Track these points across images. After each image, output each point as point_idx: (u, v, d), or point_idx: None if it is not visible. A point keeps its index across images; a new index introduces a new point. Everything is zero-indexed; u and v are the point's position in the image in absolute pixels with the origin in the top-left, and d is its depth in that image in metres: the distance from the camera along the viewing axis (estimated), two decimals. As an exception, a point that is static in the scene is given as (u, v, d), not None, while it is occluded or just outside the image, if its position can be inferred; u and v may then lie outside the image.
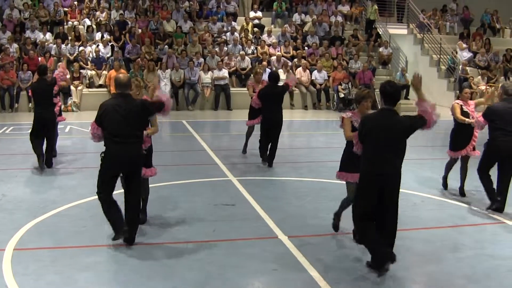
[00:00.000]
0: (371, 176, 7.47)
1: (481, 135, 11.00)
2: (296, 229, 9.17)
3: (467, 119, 10.86)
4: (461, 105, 11.01)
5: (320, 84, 25.02)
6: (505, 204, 10.34)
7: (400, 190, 7.62)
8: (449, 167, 11.67)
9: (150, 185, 9.47)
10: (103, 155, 8.19)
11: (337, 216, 8.85)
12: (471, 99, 11.29)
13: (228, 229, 9.22)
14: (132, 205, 8.39)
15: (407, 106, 25.08)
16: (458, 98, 11.39)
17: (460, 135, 11.08)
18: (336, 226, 8.87)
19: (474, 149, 11.12)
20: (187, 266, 7.66)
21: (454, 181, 11.56)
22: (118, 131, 8.04)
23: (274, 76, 13.82)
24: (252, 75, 14.59)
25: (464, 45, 28.84)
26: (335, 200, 8.36)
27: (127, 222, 8.27)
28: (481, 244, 8.89)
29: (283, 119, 13.62)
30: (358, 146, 7.73)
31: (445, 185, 11.78)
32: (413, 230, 9.34)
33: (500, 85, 11.74)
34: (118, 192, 8.47)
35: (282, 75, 24.38)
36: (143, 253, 8.10)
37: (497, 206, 10.25)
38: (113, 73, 22.12)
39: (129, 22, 26.58)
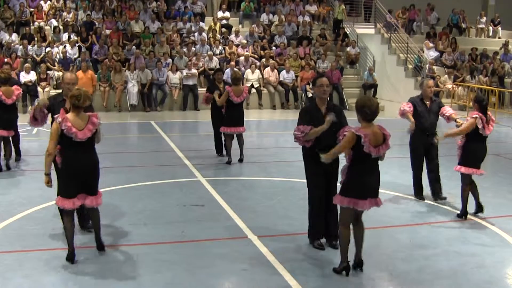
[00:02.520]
0: None
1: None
2: (266, 229, 9.18)
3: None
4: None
5: (288, 84, 25.06)
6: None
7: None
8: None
9: (120, 186, 9.42)
10: None
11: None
12: (437, 97, 11.35)
13: (197, 230, 9.20)
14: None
15: (375, 105, 25.25)
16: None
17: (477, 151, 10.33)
18: None
19: None
20: (156, 268, 7.64)
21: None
22: None
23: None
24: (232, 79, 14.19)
25: (431, 44, 29.13)
26: (304, 199, 8.37)
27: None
28: (448, 241, 8.97)
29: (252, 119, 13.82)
30: None
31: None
32: (381, 228, 9.40)
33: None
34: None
35: (250, 75, 24.48)
36: (112, 255, 8.07)
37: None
38: (80, 74, 21.94)
39: (96, 23, 26.41)
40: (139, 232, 9.02)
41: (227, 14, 29.13)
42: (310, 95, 24.36)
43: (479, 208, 10.21)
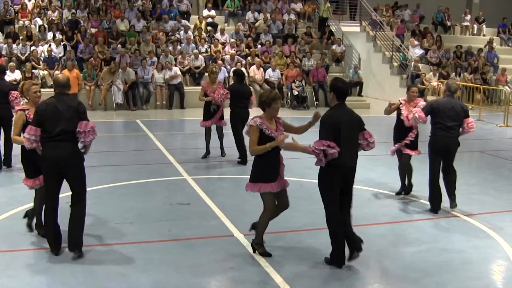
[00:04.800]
0: (342, 169, 7.59)
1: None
2: (252, 227, 9.19)
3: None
4: (400, 103, 11.04)
5: (274, 82, 25.05)
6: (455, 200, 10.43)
7: (354, 186, 7.77)
8: (401, 170, 11.32)
9: (106, 185, 9.40)
10: (42, 157, 7.93)
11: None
12: (422, 95, 11.37)
13: (183, 229, 9.20)
14: (76, 213, 8.03)
15: (360, 103, 25.38)
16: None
17: (397, 131, 11.11)
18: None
19: (411, 147, 11.02)
20: (143, 267, 7.63)
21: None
22: (56, 130, 7.79)
23: (240, 73, 14.34)
24: (207, 75, 14.62)
25: (416, 42, 29.22)
26: (290, 197, 8.37)
27: (70, 228, 8.02)
28: (434, 238, 9.02)
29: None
30: (335, 149, 7.47)
31: (400, 192, 11.38)
32: (368, 225, 9.44)
33: (445, 82, 11.84)
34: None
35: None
36: (99, 255, 8.05)
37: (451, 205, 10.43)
38: (66, 73, 21.87)
39: (82, 21, 26.32)
40: (126, 231, 9.00)
41: (213, 12, 29.10)
42: (296, 93, 24.42)
43: (409, 187, 11.32)
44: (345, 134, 7.52)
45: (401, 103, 10.99)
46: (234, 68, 19.43)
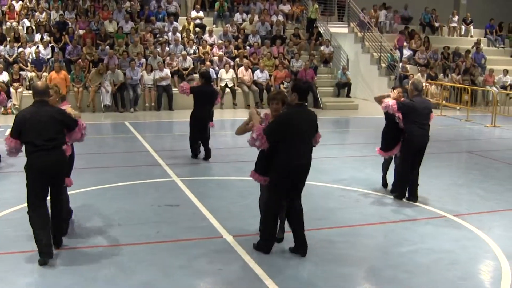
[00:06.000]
0: (298, 168, 7.96)
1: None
2: (241, 229, 9.19)
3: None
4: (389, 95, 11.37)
5: (262, 83, 25.05)
6: (417, 193, 10.95)
7: (343, 187, 7.79)
8: (386, 166, 11.80)
9: (94, 187, 9.40)
10: (27, 167, 7.84)
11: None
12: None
13: (172, 230, 9.19)
14: (57, 213, 8.14)
15: (348, 104, 25.43)
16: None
17: (390, 135, 11.32)
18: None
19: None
20: (132, 268, 7.61)
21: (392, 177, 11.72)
22: (39, 140, 7.71)
23: (207, 76, 14.37)
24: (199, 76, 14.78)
25: (404, 43, 29.27)
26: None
27: (53, 229, 8.02)
28: (423, 238, 9.04)
29: (225, 119, 13.92)
30: (264, 142, 7.93)
31: (385, 184, 11.87)
32: (356, 226, 9.46)
33: (410, 81, 12.07)
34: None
35: (224, 74, 24.47)
36: (87, 257, 8.02)
37: (409, 197, 11.04)
38: (53, 74, 21.82)
39: (69, 23, 26.22)
40: (114, 233, 8.98)
41: (201, 13, 29.07)
42: (284, 94, 24.38)
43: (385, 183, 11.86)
44: (303, 134, 7.95)
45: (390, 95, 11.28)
46: (201, 70, 19.28)
